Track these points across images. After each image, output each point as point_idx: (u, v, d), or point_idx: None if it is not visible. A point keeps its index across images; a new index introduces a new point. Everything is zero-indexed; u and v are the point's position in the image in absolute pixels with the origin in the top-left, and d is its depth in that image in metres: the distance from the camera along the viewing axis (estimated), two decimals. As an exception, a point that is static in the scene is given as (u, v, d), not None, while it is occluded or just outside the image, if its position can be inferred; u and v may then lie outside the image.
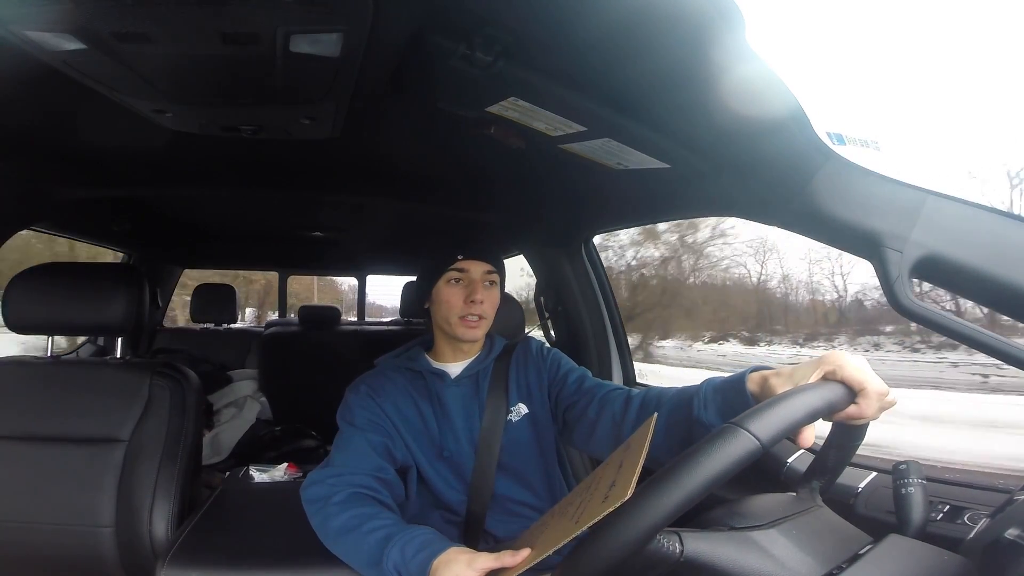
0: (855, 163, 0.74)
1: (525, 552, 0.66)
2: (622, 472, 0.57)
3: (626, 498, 0.49)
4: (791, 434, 0.54)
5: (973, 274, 0.67)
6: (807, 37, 0.67)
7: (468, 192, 1.54)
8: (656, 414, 0.64)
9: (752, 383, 0.73)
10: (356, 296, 3.54)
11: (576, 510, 0.61)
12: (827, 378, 0.63)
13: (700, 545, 0.50)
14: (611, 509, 0.49)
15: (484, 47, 0.68)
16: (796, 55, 0.64)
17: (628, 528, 0.46)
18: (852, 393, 0.61)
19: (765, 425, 0.49)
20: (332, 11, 0.60)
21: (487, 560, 0.69)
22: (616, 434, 0.91)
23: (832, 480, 0.70)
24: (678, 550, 0.49)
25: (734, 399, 0.74)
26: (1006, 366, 0.67)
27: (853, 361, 0.62)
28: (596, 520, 0.50)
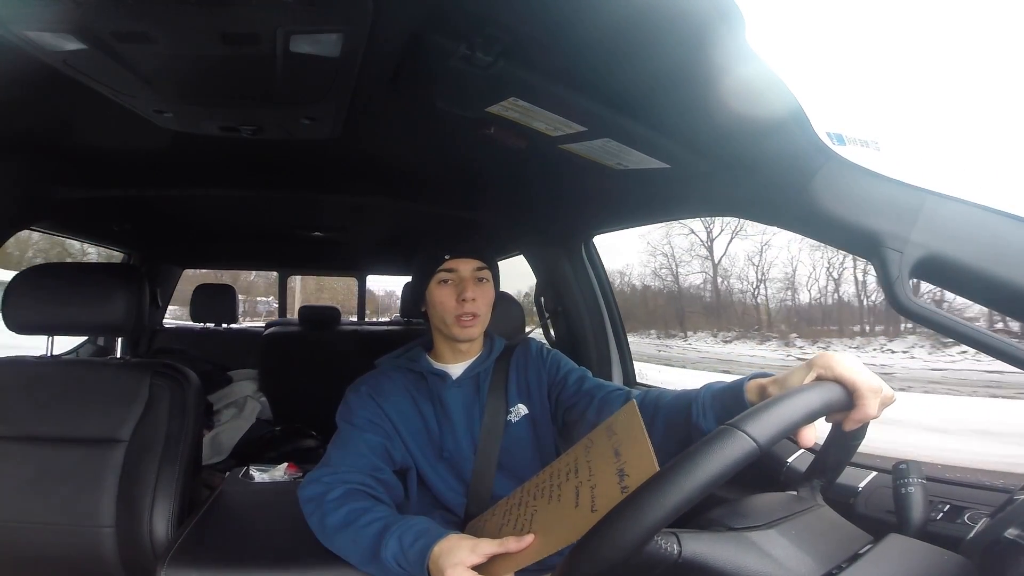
0: (855, 163, 0.74)
1: (529, 538, 0.66)
2: (627, 458, 0.58)
3: (655, 470, 0.50)
4: (789, 435, 0.54)
5: (973, 274, 0.67)
6: (807, 37, 0.67)
7: (468, 192, 1.54)
8: (634, 400, 0.64)
9: (750, 392, 0.73)
10: (393, 300, 3.53)
11: (581, 499, 0.61)
12: (821, 379, 0.62)
13: (698, 546, 0.50)
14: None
15: (484, 47, 0.68)
16: (796, 55, 0.64)
17: (626, 530, 0.46)
18: (848, 393, 0.60)
19: (762, 427, 0.49)
20: (332, 11, 0.60)
21: (490, 546, 0.69)
22: None
23: (833, 479, 0.70)
24: (676, 551, 0.49)
25: (732, 406, 0.74)
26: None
27: (842, 360, 0.62)
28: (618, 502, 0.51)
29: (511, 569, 0.67)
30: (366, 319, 3.64)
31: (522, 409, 1.04)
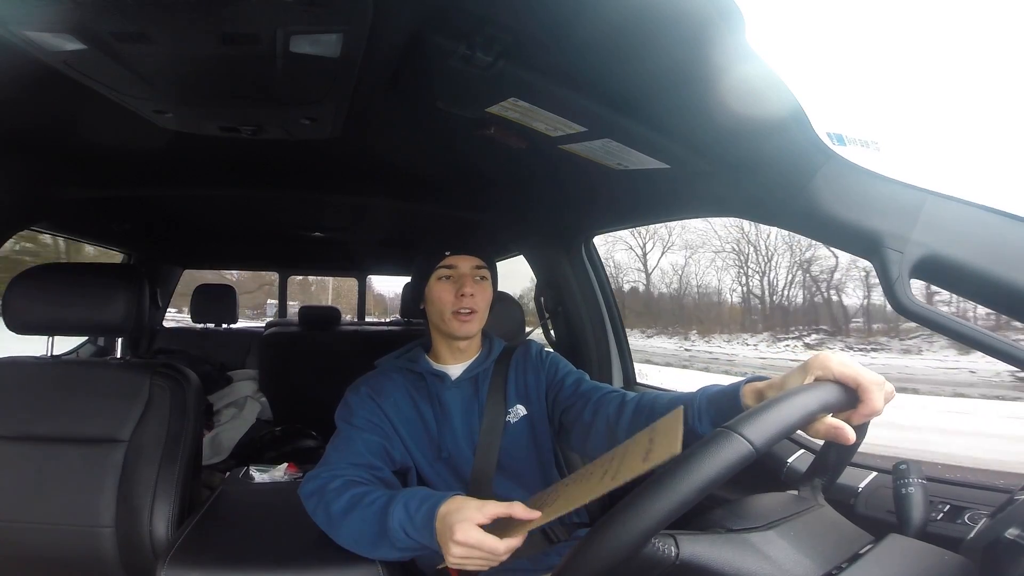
0: (855, 163, 0.74)
1: (536, 512, 0.67)
2: (656, 443, 0.58)
3: (676, 452, 0.50)
4: (786, 437, 0.54)
5: (973, 274, 0.67)
6: (807, 37, 0.67)
7: (468, 192, 1.54)
8: (683, 406, 0.63)
9: (747, 396, 0.73)
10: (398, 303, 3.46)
11: (606, 474, 0.61)
12: (820, 380, 0.62)
13: (696, 548, 0.50)
14: (660, 462, 0.50)
15: (484, 47, 0.68)
16: (796, 55, 0.64)
17: (622, 532, 0.46)
18: (848, 392, 0.60)
19: (759, 429, 0.49)
20: (332, 11, 0.60)
21: (497, 507, 0.70)
22: (610, 437, 0.90)
23: (834, 478, 0.69)
24: (674, 553, 0.49)
25: (728, 410, 0.74)
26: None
27: (838, 360, 0.61)
28: (638, 475, 0.52)
29: (522, 532, 0.68)
30: (377, 321, 3.63)
31: (520, 410, 1.04)
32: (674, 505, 0.46)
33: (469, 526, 0.69)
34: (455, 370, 1.06)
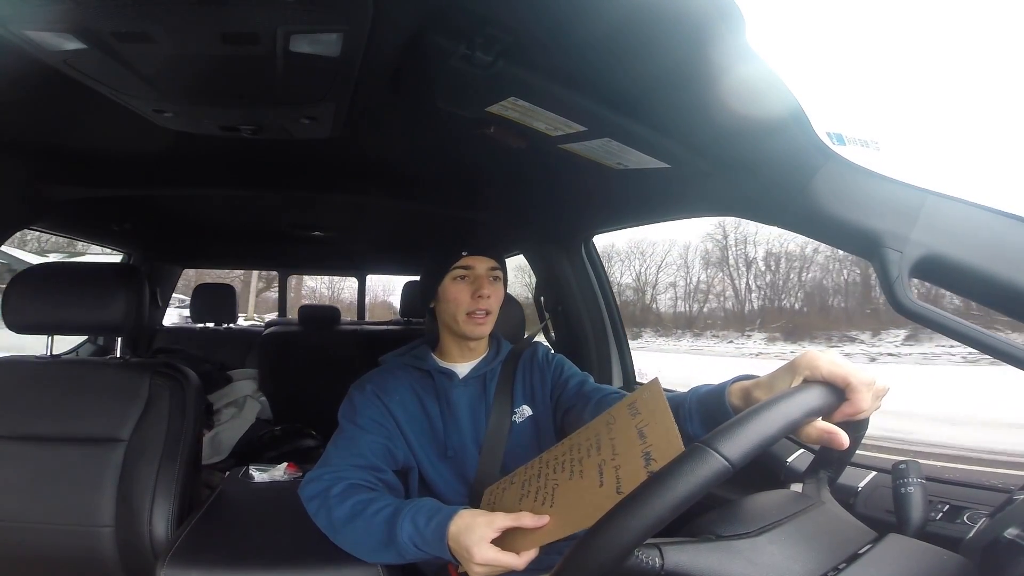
0: (855, 163, 0.74)
1: (544, 519, 0.67)
2: (653, 440, 0.58)
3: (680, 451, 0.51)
4: (765, 449, 0.51)
5: (973, 274, 0.67)
6: (807, 37, 0.67)
7: (468, 192, 1.54)
8: (657, 377, 0.63)
9: (733, 396, 0.72)
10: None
11: (606, 478, 0.61)
12: (808, 381, 0.60)
13: (681, 557, 0.50)
14: (663, 464, 0.50)
15: (484, 47, 0.68)
16: (796, 55, 0.64)
17: (599, 551, 0.46)
18: (837, 392, 0.58)
19: (735, 444, 0.48)
20: (332, 11, 0.60)
21: (505, 519, 0.71)
22: None
23: (840, 470, 0.69)
24: (658, 564, 0.48)
25: (716, 411, 0.73)
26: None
27: (826, 359, 0.60)
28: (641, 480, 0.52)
29: (533, 545, 0.68)
30: (376, 321, 3.63)
31: (526, 411, 1.05)
32: (648, 524, 0.45)
33: (485, 546, 0.70)
34: (463, 368, 1.06)
